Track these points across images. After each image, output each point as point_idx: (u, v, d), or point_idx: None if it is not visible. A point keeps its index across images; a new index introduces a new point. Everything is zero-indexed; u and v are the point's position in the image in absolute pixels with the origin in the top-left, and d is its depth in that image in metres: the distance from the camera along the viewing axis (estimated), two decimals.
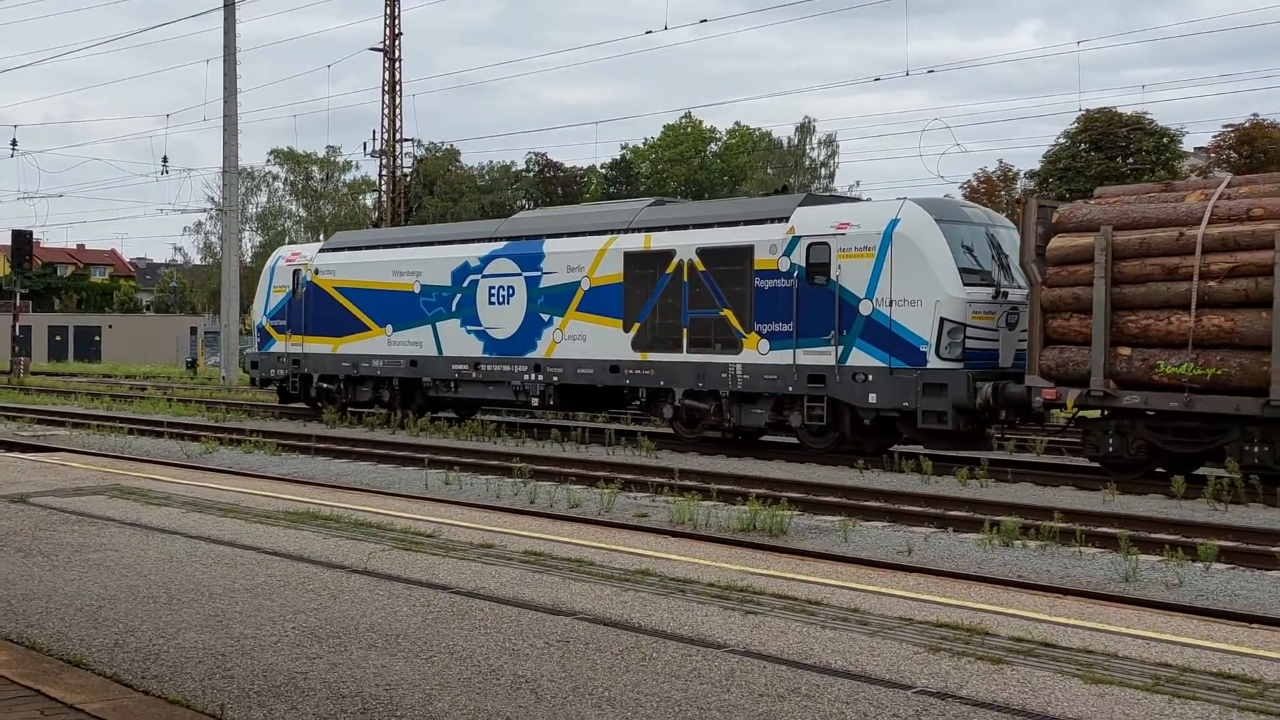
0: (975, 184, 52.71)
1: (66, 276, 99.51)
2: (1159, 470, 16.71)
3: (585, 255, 22.51)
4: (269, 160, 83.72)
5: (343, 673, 6.07)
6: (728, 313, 20.44)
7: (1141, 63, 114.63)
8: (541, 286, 23.12)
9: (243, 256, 63.87)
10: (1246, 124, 46.82)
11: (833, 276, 19.14)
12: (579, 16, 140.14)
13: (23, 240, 45.61)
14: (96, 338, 77.19)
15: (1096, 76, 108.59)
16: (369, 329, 26.30)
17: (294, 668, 6.14)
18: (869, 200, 21.79)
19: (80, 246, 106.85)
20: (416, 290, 25.38)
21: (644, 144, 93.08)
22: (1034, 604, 8.12)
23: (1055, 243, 17.07)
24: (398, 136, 47.88)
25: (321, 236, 76.04)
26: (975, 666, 6.34)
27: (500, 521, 11.42)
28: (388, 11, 46.62)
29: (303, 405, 28.62)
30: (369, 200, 78.38)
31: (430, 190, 77.04)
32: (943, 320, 18.07)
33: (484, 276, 24.17)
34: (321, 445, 20.70)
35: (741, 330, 20.25)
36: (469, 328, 24.35)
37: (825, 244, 19.28)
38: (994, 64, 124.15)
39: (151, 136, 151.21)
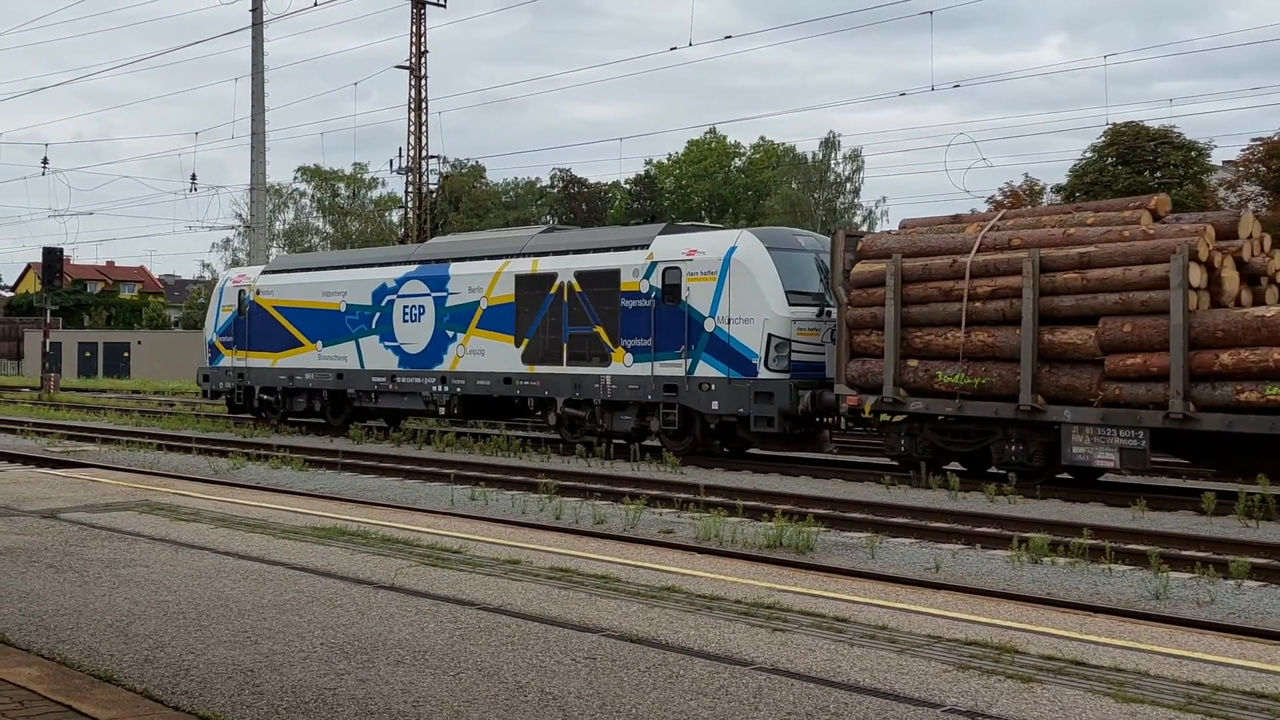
0: (1001, 198, 52.49)
1: (96, 293, 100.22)
2: (945, 467, 18.68)
3: (483, 277, 24.83)
4: (296, 177, 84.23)
5: (371, 689, 6.08)
6: (600, 329, 22.71)
7: (1168, 76, 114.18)
8: (447, 306, 25.43)
9: None
10: (1275, 137, 46.48)
11: (683, 297, 21.47)
12: (602, 32, 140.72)
13: (53, 258, 46.00)
14: (125, 354, 77.64)
15: (1123, 90, 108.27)
16: (302, 345, 28.69)
17: (322, 684, 6.16)
18: (717, 229, 23.95)
19: (110, 264, 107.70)
20: (342, 309, 27.74)
21: (668, 159, 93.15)
22: (1064, 622, 8.07)
23: (858, 268, 19.34)
24: (424, 153, 48.11)
25: None
26: (1005, 685, 6.30)
27: (526, 537, 11.43)
28: (413, 30, 46.93)
29: (248, 415, 30.64)
30: (395, 217, 78.73)
31: (456, 207, 77.32)
32: (770, 336, 20.37)
33: (399, 297, 26.51)
34: (348, 461, 20.77)
35: (611, 345, 22.51)
36: (386, 343, 26.65)
37: (678, 268, 21.62)
38: (1019, 78, 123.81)
39: (180, 154, 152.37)
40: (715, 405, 20.94)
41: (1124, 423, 16.55)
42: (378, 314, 26.88)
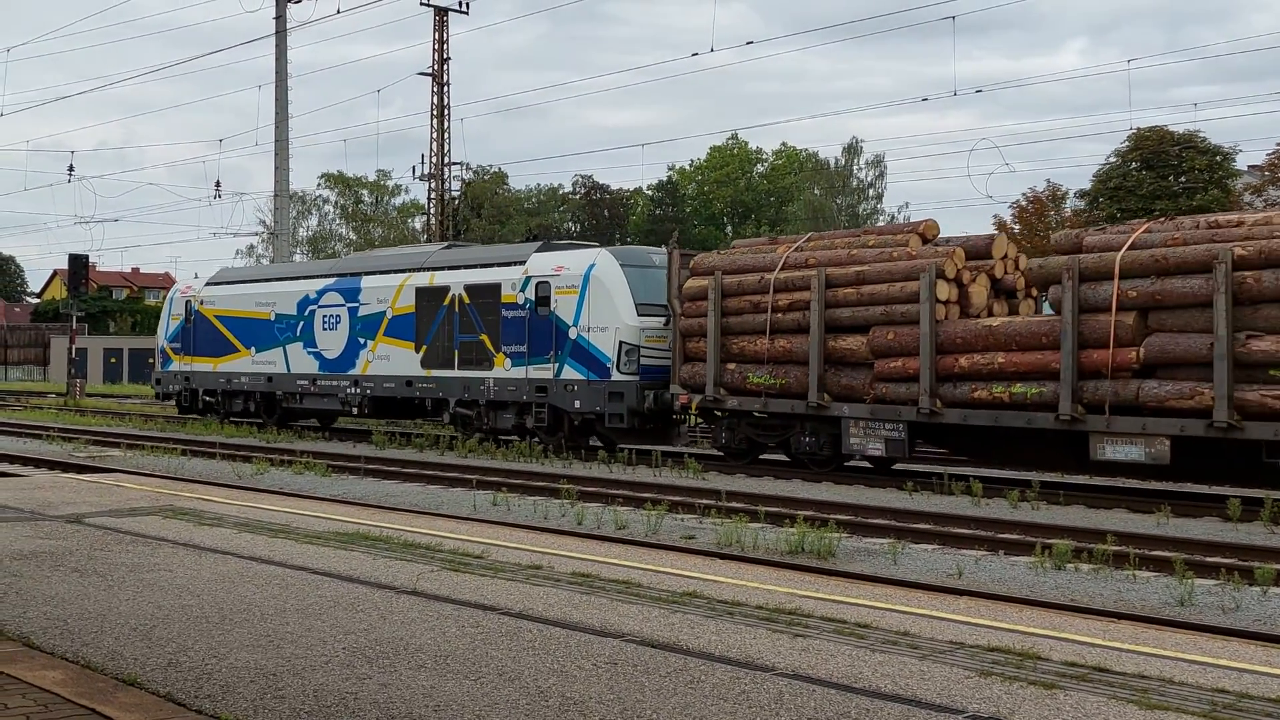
0: (1024, 204, 52.30)
1: (121, 300, 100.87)
2: (762, 457, 22.02)
3: (389, 289, 27.36)
4: (320, 184, 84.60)
5: (392, 693, 6.10)
6: (484, 337, 25.21)
7: (1191, 81, 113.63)
8: (359, 315, 28.01)
9: None
10: None
11: (552, 309, 23.95)
12: (621, 39, 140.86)
13: (79, 264, 46.30)
14: (150, 360, 78.08)
15: (1146, 95, 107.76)
16: (239, 350, 31.47)
17: (344, 688, 6.18)
18: (584, 247, 26.04)
19: (135, 270, 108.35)
20: (272, 318, 30.41)
21: (690, 166, 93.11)
22: (1087, 628, 8.03)
23: (689, 283, 22.18)
24: (446, 160, 48.26)
25: None
26: (1028, 691, 6.27)
27: (548, 543, 11.44)
28: (436, 37, 47.08)
29: (196, 415, 33.34)
30: (418, 223, 78.92)
31: (478, 213, 77.50)
32: (621, 343, 22.86)
33: (319, 307, 29.13)
34: (371, 466, 20.83)
35: (493, 351, 25.01)
36: (309, 349, 29.31)
37: (548, 282, 24.11)
38: (1042, 83, 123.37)
39: (205, 161, 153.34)
40: (578, 404, 23.45)
41: (888, 417, 19.31)
42: (301, 323, 29.54)
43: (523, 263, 24.88)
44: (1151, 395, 16.52)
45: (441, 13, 48.83)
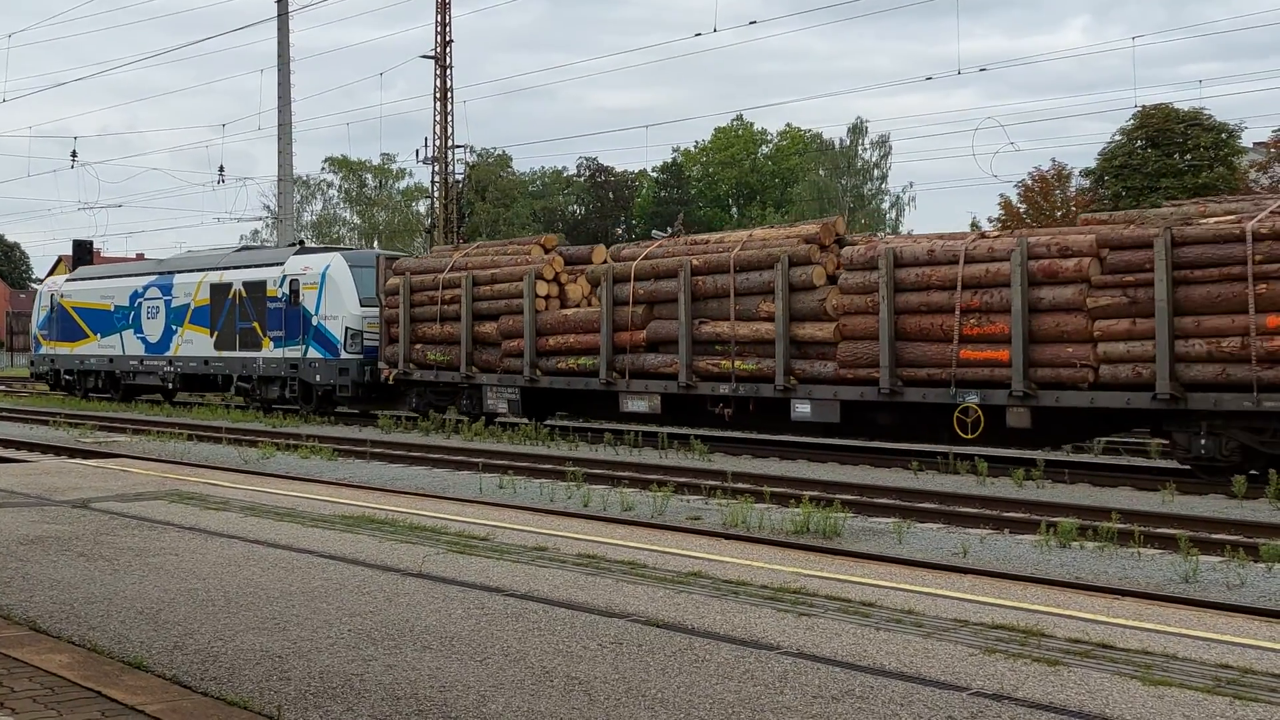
0: (1030, 183, 52.13)
1: None
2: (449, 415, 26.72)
3: (192, 286, 33.05)
4: (323, 168, 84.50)
5: (398, 675, 6.11)
6: (256, 324, 30.70)
7: (1195, 58, 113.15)
8: (172, 306, 33.57)
9: None
10: None
11: (301, 301, 29.46)
12: (622, 20, 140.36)
13: (83, 250, 46.27)
14: None
15: (1150, 72, 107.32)
16: (89, 336, 37.06)
17: (350, 670, 6.20)
18: (327, 250, 31.71)
19: (140, 255, 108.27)
20: (112, 309, 35.86)
21: (695, 147, 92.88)
22: (1091, 605, 8.04)
23: (390, 282, 27.95)
24: (450, 143, 48.18)
25: (376, 243, 76.65)
26: (1031, 668, 6.28)
27: (554, 525, 11.46)
28: (438, 19, 46.93)
29: (62, 391, 38.61)
30: (422, 207, 78.87)
31: (483, 196, 77.43)
32: (348, 329, 28.60)
33: (145, 299, 34.64)
34: (376, 450, 20.86)
35: (262, 336, 30.53)
36: (137, 335, 34.85)
37: (298, 279, 29.66)
38: (1046, 61, 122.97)
39: (208, 146, 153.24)
40: (319, 378, 29.08)
41: (509, 384, 25.17)
42: (132, 313, 35.03)
43: (282, 264, 30.50)
44: (651, 365, 22.85)
45: None
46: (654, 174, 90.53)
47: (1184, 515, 13.15)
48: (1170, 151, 45.71)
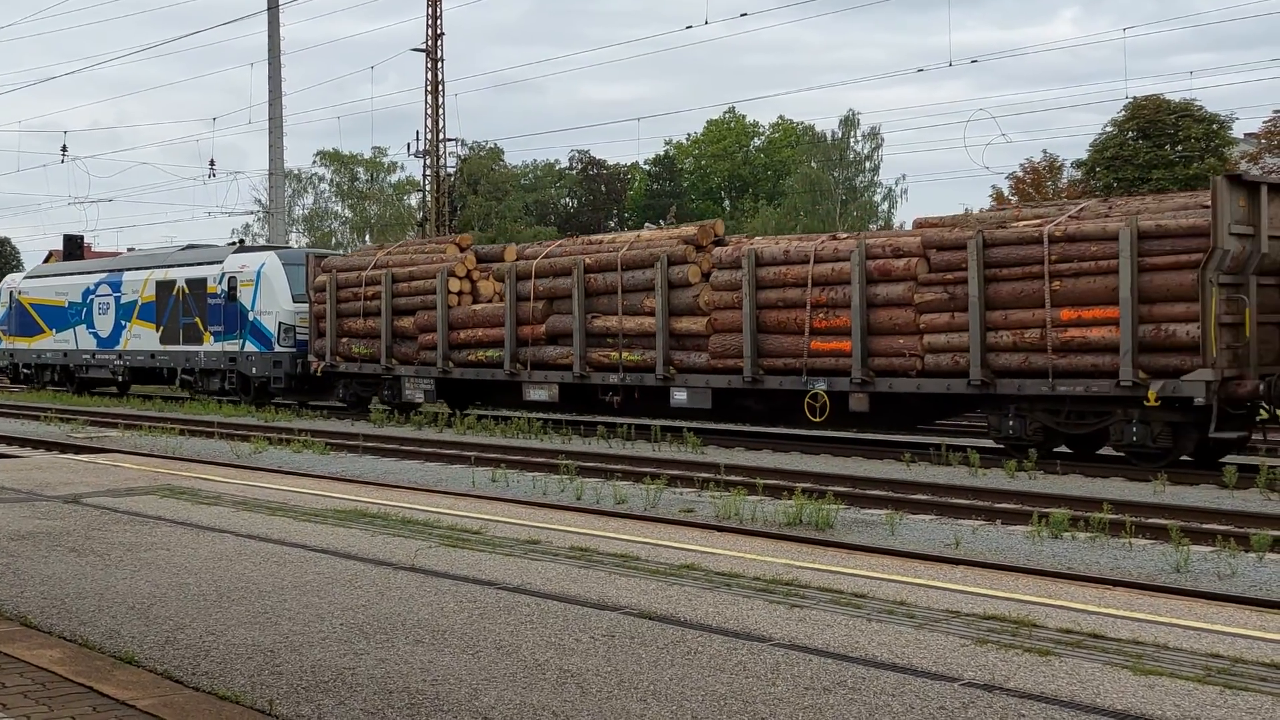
0: (1022, 175, 52.15)
1: None
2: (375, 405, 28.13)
3: (139, 283, 34.55)
4: (315, 162, 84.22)
5: (390, 668, 6.11)
6: (198, 319, 32.34)
7: (1186, 49, 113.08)
8: (122, 303, 35.10)
9: None
10: None
11: (239, 297, 31.01)
12: (610, 13, 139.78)
13: (74, 244, 46.16)
14: None
15: (1141, 63, 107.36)
16: (45, 331, 38.71)
17: (342, 663, 6.20)
18: (263, 249, 33.22)
19: (131, 250, 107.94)
20: (66, 306, 37.44)
21: (687, 140, 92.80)
22: (1083, 595, 8.05)
23: (318, 279, 29.13)
24: (441, 136, 48.10)
25: (367, 238, 76.54)
26: (1023, 658, 6.30)
27: (546, 518, 11.46)
28: (429, 12, 46.85)
29: (21, 384, 40.56)
30: (414, 200, 78.71)
31: (474, 190, 77.30)
32: (281, 324, 30.15)
33: (96, 296, 36.18)
34: (369, 444, 20.85)
35: (203, 330, 32.18)
36: (89, 330, 36.45)
37: (235, 277, 31.20)
38: (1037, 52, 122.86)
39: (198, 140, 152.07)
40: (255, 370, 30.67)
41: (424, 375, 26.52)
42: (85, 309, 36.58)
43: (221, 262, 32.09)
44: (550, 356, 24.13)
45: None
46: (646, 167, 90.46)
47: (1175, 505, 13.18)
48: (1161, 143, 45.75)
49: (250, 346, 30.68)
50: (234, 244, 35.30)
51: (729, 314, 21.31)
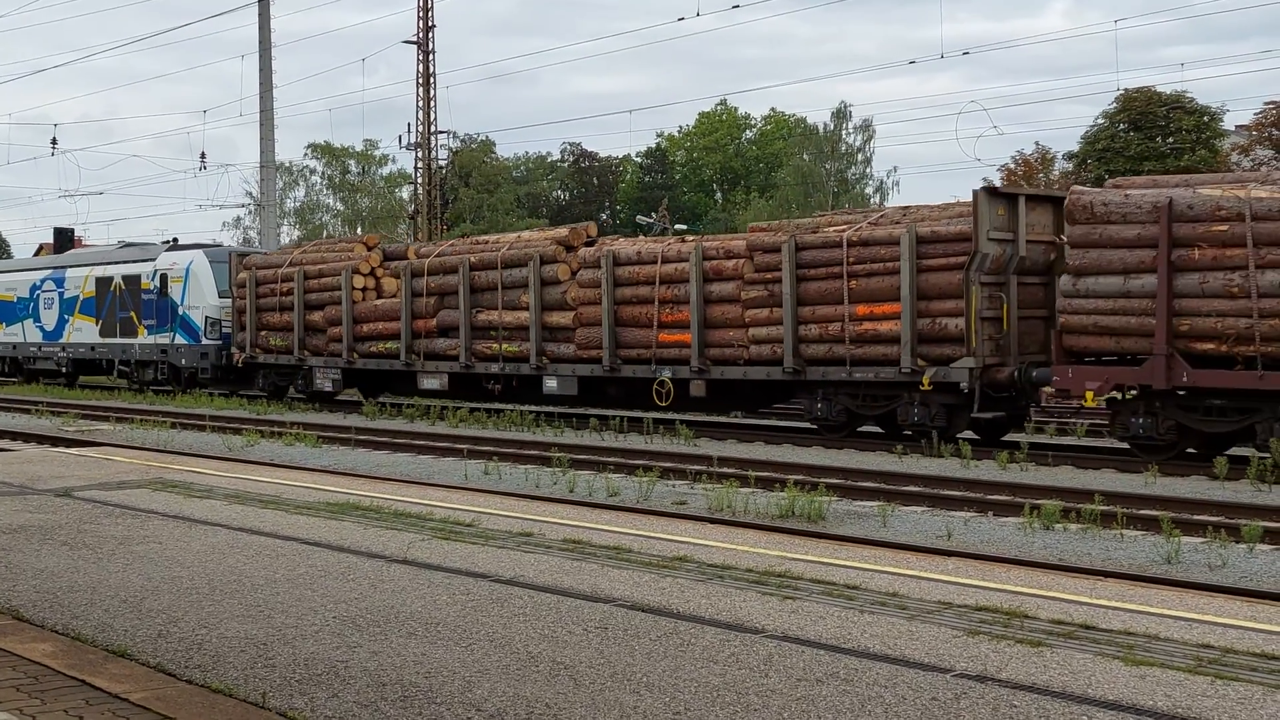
0: (1014, 167, 52.20)
1: None
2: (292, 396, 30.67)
3: (81, 279, 36.50)
4: (306, 154, 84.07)
5: (383, 660, 6.12)
6: (133, 314, 34.25)
7: (1177, 40, 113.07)
8: (65, 298, 37.06)
9: None
10: None
11: (169, 293, 32.99)
12: (601, 5, 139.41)
13: (65, 237, 46.12)
14: None
15: (1132, 55, 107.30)
16: None
17: (335, 656, 6.20)
18: (192, 248, 34.59)
19: (121, 243, 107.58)
20: (15, 301, 39.40)
21: (679, 132, 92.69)
22: (1074, 586, 8.08)
23: (239, 276, 30.88)
24: (433, 129, 48.03)
25: (359, 230, 76.41)
26: (1015, 649, 6.32)
27: (539, 510, 11.46)
28: (420, 4, 46.74)
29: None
30: (405, 193, 78.60)
31: (466, 182, 77.19)
32: (207, 318, 32.05)
33: (42, 292, 38.18)
34: (361, 437, 20.83)
35: (138, 324, 34.06)
36: (36, 324, 38.41)
37: (166, 273, 33.20)
38: (1029, 44, 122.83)
39: (189, 133, 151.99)
40: (184, 361, 32.77)
41: (332, 365, 28.34)
42: (32, 304, 38.57)
43: (154, 260, 33.96)
44: (441, 348, 26.05)
45: None
46: (638, 159, 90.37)
47: (1166, 497, 13.21)
48: (1153, 134, 45.84)
49: (180, 339, 32.68)
50: (168, 243, 36.37)
51: (592, 309, 23.38)
